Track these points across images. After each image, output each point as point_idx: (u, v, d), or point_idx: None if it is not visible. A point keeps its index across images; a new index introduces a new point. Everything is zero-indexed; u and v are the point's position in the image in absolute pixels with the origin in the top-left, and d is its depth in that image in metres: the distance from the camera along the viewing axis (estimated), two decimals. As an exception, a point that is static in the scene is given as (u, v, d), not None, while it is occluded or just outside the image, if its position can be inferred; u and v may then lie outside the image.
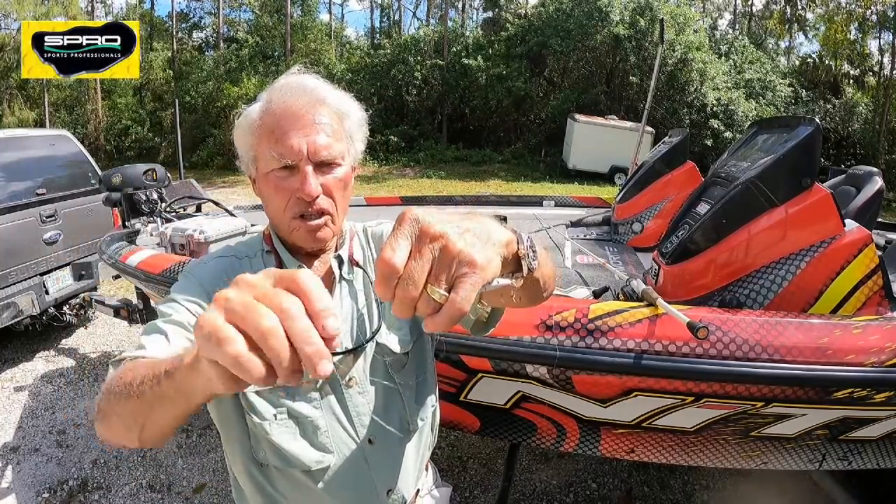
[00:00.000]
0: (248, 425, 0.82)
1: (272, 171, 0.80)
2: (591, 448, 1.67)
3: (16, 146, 3.75)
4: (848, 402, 1.34)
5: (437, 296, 0.44)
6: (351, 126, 0.84)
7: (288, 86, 0.81)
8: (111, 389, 0.61)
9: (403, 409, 0.90)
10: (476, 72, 18.56)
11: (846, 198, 2.63)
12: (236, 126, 0.86)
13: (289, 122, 0.78)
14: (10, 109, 18.84)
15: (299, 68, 0.86)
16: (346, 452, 0.85)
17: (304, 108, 0.79)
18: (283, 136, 0.78)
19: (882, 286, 1.63)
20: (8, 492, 2.43)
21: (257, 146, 0.82)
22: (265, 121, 0.80)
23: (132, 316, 3.01)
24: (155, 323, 0.75)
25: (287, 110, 0.79)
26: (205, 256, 0.91)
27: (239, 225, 2.52)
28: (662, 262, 1.92)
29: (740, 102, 16.41)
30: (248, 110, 0.84)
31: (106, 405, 0.62)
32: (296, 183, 0.79)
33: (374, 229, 0.98)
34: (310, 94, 0.81)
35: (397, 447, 0.90)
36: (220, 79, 18.75)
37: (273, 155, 0.78)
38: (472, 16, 25.76)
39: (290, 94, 0.80)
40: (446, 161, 17.76)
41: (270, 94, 0.82)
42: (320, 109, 0.80)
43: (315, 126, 0.79)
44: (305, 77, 0.84)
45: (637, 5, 17.05)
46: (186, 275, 0.86)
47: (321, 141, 0.79)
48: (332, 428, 0.84)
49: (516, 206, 4.21)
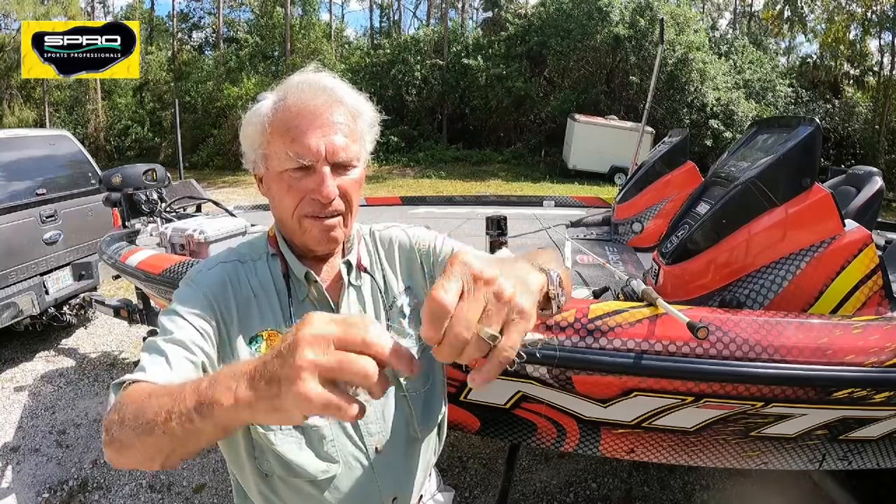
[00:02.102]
0: (251, 436, 0.80)
1: (286, 170, 0.77)
2: (591, 448, 1.67)
3: (16, 146, 3.75)
4: (848, 402, 1.34)
5: (490, 337, 0.43)
6: (363, 126, 0.82)
7: (306, 83, 0.79)
8: (126, 422, 0.58)
9: (411, 416, 0.88)
10: (476, 72, 18.56)
11: (846, 198, 2.63)
12: (245, 121, 0.82)
13: (306, 121, 0.76)
14: (10, 109, 18.85)
15: (316, 66, 0.84)
16: (353, 461, 0.83)
17: (322, 106, 0.76)
18: (301, 136, 0.75)
19: (882, 286, 1.63)
20: (8, 492, 2.43)
21: (269, 144, 0.78)
22: (279, 117, 0.77)
23: (132, 316, 3.01)
24: (156, 341, 0.72)
25: (304, 108, 0.76)
26: (208, 261, 0.88)
27: (239, 225, 2.52)
28: (662, 262, 1.92)
29: (740, 102, 16.41)
30: (259, 105, 0.81)
31: (121, 435, 0.58)
32: (311, 184, 0.76)
33: (382, 233, 0.96)
34: (329, 93, 0.78)
35: (404, 455, 0.89)
36: (220, 79, 18.76)
37: (289, 154, 0.75)
38: (472, 16, 25.81)
39: (308, 92, 0.77)
40: (446, 161, 17.76)
41: (286, 90, 0.79)
42: (338, 109, 0.78)
43: (333, 126, 0.76)
44: (323, 76, 0.81)
45: (637, 5, 17.05)
46: (189, 283, 0.83)
47: (339, 142, 0.76)
48: (338, 437, 0.82)
49: (516, 206, 4.21)
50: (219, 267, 0.85)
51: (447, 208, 4.16)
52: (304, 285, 0.84)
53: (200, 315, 0.77)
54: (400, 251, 0.94)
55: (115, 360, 3.78)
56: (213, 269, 0.84)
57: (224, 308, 0.79)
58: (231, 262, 0.86)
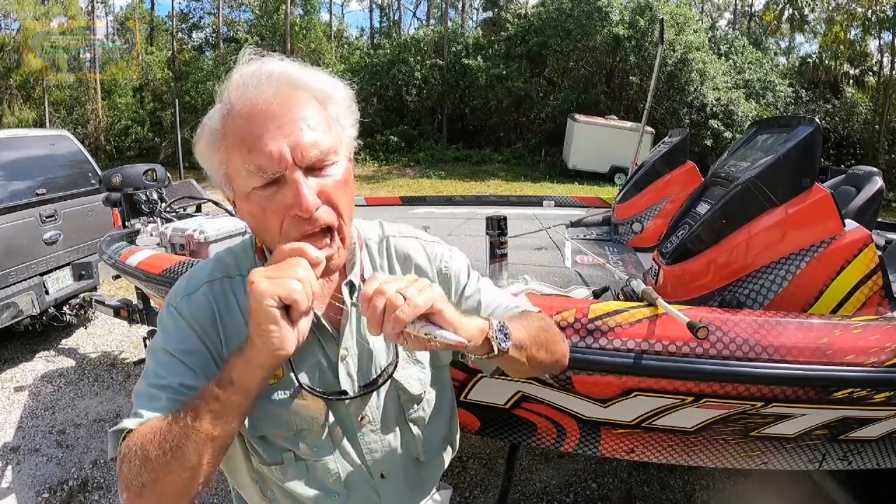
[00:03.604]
0: (254, 466, 0.79)
1: (254, 189, 0.65)
2: (591, 448, 1.67)
3: (16, 146, 3.75)
4: (848, 402, 1.33)
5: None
6: (337, 110, 0.70)
7: (248, 76, 0.66)
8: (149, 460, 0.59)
9: (414, 441, 0.85)
10: (476, 72, 18.57)
11: (846, 198, 2.63)
12: (196, 142, 0.70)
13: (260, 125, 0.63)
14: (10, 109, 18.83)
15: (252, 52, 0.70)
16: (358, 489, 0.81)
17: (274, 101, 0.64)
18: (257, 143, 0.63)
19: (882, 286, 1.63)
20: (8, 492, 2.43)
21: (228, 162, 0.67)
22: (230, 128, 0.65)
23: (132, 316, 3.01)
24: (148, 389, 0.68)
25: (253, 108, 0.64)
26: (192, 279, 0.78)
27: (239, 225, 2.52)
28: (662, 262, 1.92)
29: (740, 102, 16.42)
30: (206, 120, 0.69)
31: (146, 475, 0.60)
32: (287, 198, 0.64)
33: (398, 244, 0.85)
34: (277, 81, 0.65)
35: (409, 478, 0.86)
36: (220, 79, 18.54)
37: (250, 169, 0.64)
38: (472, 16, 25.79)
39: (253, 88, 0.65)
40: (446, 161, 17.77)
41: (228, 93, 0.67)
42: (296, 97, 0.65)
43: (294, 121, 0.64)
44: (267, 62, 0.68)
45: (637, 5, 17.06)
46: (172, 314, 0.74)
47: (306, 139, 0.64)
48: (344, 469, 0.79)
49: (516, 206, 4.20)
50: (203, 289, 0.75)
51: (447, 208, 4.15)
52: None
53: (188, 350, 0.71)
54: (418, 273, 0.84)
55: (115, 360, 3.78)
56: (198, 294, 0.75)
57: (212, 339, 0.73)
58: (217, 279, 0.76)
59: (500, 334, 0.68)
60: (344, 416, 0.78)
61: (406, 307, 0.58)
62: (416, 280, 0.62)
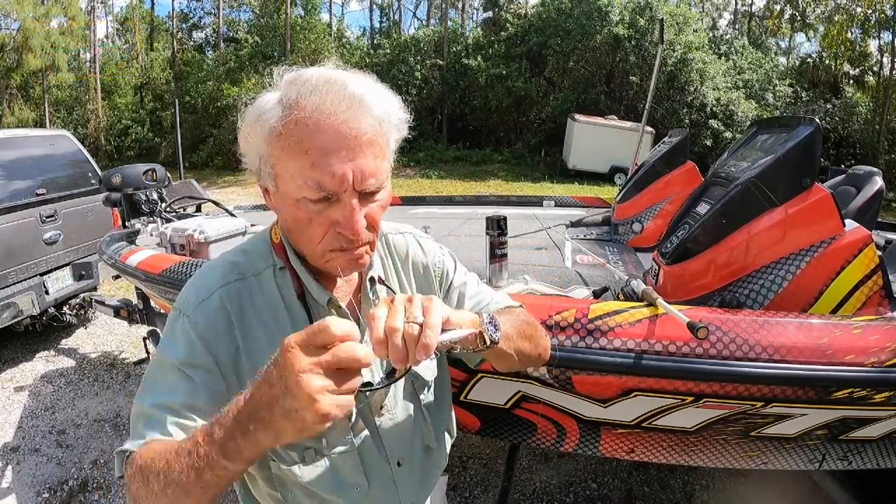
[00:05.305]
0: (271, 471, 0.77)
1: (304, 198, 0.65)
2: (591, 448, 1.67)
3: (16, 146, 3.75)
4: (848, 402, 1.34)
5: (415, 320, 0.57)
6: (389, 130, 0.70)
7: (326, 86, 0.64)
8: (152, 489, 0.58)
9: (426, 427, 0.89)
10: (476, 72, 18.56)
11: (846, 198, 2.63)
12: (245, 123, 0.69)
13: (330, 141, 0.62)
14: (10, 109, 18.84)
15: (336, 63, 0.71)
16: (378, 479, 0.82)
17: (349, 122, 0.63)
18: (323, 160, 0.62)
19: (882, 286, 1.63)
20: (8, 492, 2.43)
21: (279, 162, 0.65)
22: (293, 132, 0.63)
23: (132, 316, 3.00)
24: (150, 410, 0.66)
25: (326, 123, 0.62)
26: (204, 282, 0.75)
27: (239, 225, 2.52)
28: (662, 262, 1.92)
29: (740, 102, 16.42)
30: (263, 106, 0.66)
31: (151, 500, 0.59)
32: (336, 215, 0.65)
33: (395, 239, 0.90)
34: (357, 103, 0.64)
35: (421, 465, 0.89)
36: (220, 79, 18.75)
37: (308, 183, 0.63)
38: (472, 16, 25.81)
39: (330, 102, 0.63)
40: (446, 161, 17.76)
41: (298, 93, 0.64)
42: (366, 121, 0.64)
43: (362, 148, 0.64)
44: (348, 77, 0.67)
45: (637, 5, 17.06)
46: (183, 324, 0.71)
47: (369, 167, 0.64)
48: (365, 459, 0.80)
49: (516, 206, 4.20)
50: (218, 294, 0.73)
51: (447, 208, 4.15)
52: (324, 309, 0.76)
53: (196, 364, 0.68)
54: (415, 269, 0.90)
55: (115, 360, 3.79)
56: (212, 299, 0.72)
57: (226, 347, 0.71)
58: (232, 282, 0.74)
59: (490, 327, 0.69)
60: (365, 406, 0.80)
61: (429, 333, 0.56)
62: (410, 299, 0.58)
